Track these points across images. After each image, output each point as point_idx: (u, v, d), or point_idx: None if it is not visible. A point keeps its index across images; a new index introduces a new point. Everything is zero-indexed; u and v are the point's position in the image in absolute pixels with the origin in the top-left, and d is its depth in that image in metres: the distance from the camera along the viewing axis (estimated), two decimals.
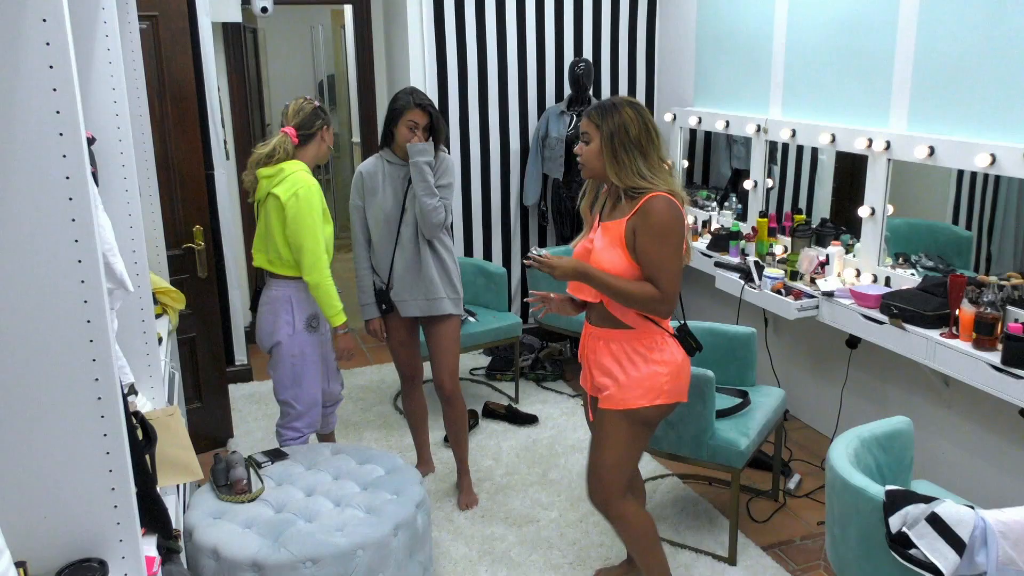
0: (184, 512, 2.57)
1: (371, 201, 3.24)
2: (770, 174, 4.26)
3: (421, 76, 4.77)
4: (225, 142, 4.58)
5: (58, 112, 1.27)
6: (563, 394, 4.59)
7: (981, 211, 3.24)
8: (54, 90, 1.26)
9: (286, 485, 2.71)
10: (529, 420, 4.24)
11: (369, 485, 2.71)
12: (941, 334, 2.99)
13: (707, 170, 4.93)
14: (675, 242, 2.35)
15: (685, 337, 2.53)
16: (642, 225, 2.34)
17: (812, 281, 3.66)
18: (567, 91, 4.91)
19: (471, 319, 4.31)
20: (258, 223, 3.13)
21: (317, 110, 3.08)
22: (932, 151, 3.19)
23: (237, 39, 5.10)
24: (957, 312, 2.96)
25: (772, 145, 4.21)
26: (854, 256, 3.68)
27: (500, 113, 4.97)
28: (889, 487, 2.07)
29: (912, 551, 1.97)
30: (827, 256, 3.68)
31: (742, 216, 4.46)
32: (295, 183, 2.97)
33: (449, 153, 3.58)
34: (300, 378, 3.14)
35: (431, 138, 3.19)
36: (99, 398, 1.37)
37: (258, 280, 3.27)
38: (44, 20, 1.24)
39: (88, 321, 1.34)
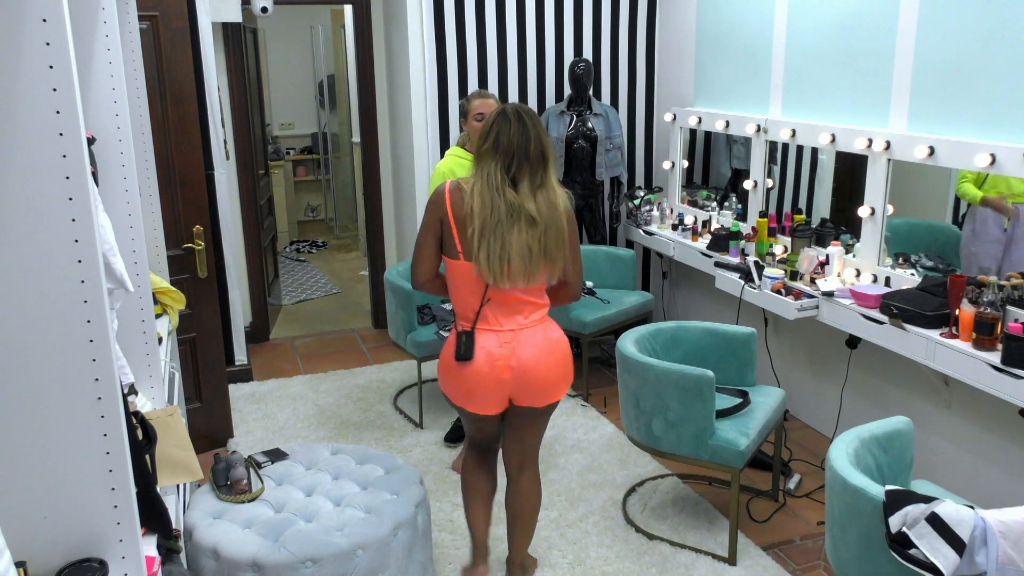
0: (184, 512, 2.58)
1: None
2: (770, 174, 4.26)
3: (421, 76, 4.77)
4: (225, 142, 4.58)
5: (58, 112, 1.27)
6: None
7: None
8: (54, 90, 1.26)
9: (286, 485, 2.71)
10: None
11: (369, 485, 2.71)
12: (941, 334, 2.99)
13: (707, 170, 4.93)
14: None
15: (459, 339, 2.50)
16: None
17: (812, 281, 3.66)
18: (567, 91, 4.91)
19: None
20: None
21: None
22: (932, 151, 3.19)
23: (237, 39, 5.10)
24: (957, 312, 2.96)
25: (772, 145, 4.21)
26: (854, 256, 3.68)
27: None
28: (889, 487, 2.07)
29: (912, 551, 1.97)
30: (827, 256, 3.68)
31: (742, 216, 4.46)
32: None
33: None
34: None
35: None
36: (99, 398, 1.37)
37: None
38: (44, 20, 1.24)
39: (88, 321, 1.34)
